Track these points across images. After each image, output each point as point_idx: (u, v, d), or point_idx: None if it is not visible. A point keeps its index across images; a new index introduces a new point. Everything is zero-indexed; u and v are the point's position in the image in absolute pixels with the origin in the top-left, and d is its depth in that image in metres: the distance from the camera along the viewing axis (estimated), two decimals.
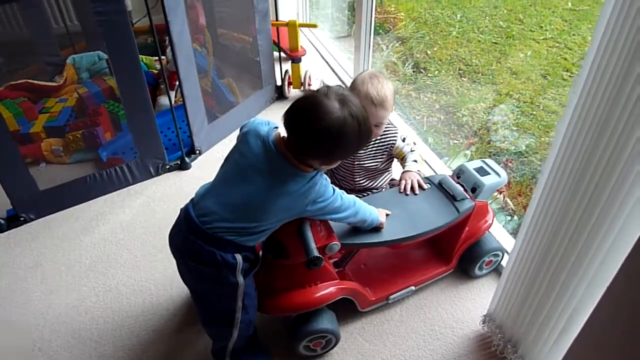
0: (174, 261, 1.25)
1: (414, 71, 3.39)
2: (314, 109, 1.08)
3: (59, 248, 1.89)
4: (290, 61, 2.68)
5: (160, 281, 1.74)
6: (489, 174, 1.54)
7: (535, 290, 1.23)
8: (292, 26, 2.50)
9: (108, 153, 2.25)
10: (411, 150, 1.64)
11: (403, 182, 1.56)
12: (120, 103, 2.11)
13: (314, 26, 2.66)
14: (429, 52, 3.52)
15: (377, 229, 1.39)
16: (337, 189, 1.24)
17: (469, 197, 1.52)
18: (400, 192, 1.55)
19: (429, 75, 3.33)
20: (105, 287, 1.72)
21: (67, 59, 2.55)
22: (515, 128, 2.78)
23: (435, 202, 1.51)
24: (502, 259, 1.68)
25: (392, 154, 1.67)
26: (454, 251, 1.59)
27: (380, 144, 1.63)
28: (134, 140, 2.09)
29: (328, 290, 1.38)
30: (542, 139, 2.68)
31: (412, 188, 1.55)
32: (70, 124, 2.29)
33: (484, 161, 1.59)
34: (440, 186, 1.55)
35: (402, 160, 1.65)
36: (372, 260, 1.63)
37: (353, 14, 3.74)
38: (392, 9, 4.03)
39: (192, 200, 1.20)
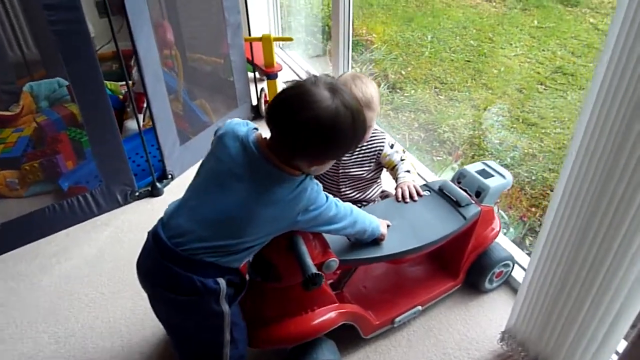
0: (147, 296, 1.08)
1: (390, 91, 3.36)
2: (300, 98, 0.94)
3: (12, 291, 1.67)
4: (265, 79, 2.58)
5: (132, 320, 1.54)
6: (493, 176, 1.43)
7: (562, 303, 1.10)
8: (266, 40, 2.41)
9: (70, 182, 2.05)
10: (401, 160, 1.53)
11: (399, 190, 1.44)
12: (82, 129, 1.94)
13: (290, 39, 2.57)
14: (403, 72, 3.53)
15: (377, 242, 1.25)
16: (330, 196, 1.09)
17: (474, 202, 1.39)
18: (397, 202, 1.41)
19: (406, 94, 3.31)
20: (68, 332, 1.51)
21: (24, 86, 2.37)
22: (497, 141, 2.75)
23: (438, 209, 1.38)
24: (512, 269, 1.55)
25: (381, 162, 1.55)
26: (461, 264, 1.46)
27: (367, 150, 1.51)
28: (98, 166, 1.92)
29: (328, 315, 1.22)
30: (526, 150, 2.65)
31: (410, 196, 1.42)
32: (28, 154, 2.09)
33: (485, 163, 1.49)
34: (442, 192, 1.43)
35: (393, 170, 1.53)
36: (371, 280, 1.48)
37: (325, 37, 3.72)
38: (364, 31, 4.03)
39: (161, 219, 1.04)
